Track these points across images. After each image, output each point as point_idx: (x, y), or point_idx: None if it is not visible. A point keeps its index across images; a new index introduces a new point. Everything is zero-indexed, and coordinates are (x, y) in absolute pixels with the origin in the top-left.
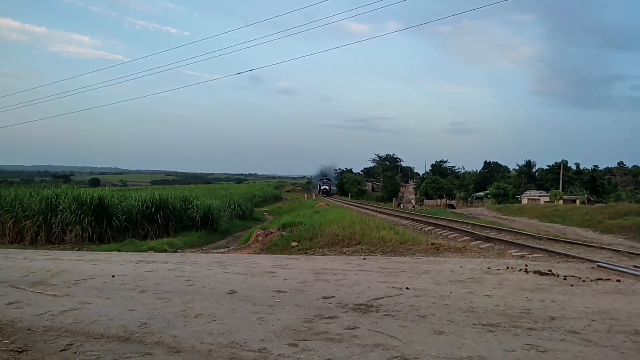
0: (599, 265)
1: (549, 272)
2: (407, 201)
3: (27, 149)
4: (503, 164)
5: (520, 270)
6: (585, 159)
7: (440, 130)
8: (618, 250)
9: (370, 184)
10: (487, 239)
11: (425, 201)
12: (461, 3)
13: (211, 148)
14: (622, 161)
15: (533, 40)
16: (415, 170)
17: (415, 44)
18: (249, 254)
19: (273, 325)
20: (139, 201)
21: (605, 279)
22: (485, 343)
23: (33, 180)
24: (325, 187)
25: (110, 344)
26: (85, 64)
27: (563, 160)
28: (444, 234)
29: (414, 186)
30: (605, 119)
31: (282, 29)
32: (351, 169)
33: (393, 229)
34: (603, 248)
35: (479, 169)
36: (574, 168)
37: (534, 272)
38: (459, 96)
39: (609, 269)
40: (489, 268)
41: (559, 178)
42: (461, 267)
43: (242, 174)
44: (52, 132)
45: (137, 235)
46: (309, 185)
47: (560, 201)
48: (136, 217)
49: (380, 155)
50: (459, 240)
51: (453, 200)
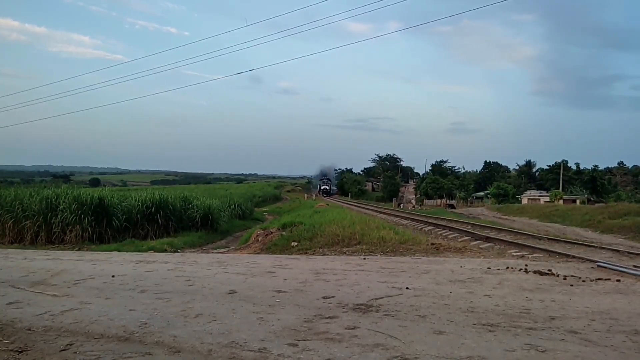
0: (599, 265)
1: (549, 272)
2: (407, 201)
3: (27, 149)
4: (503, 164)
5: (520, 270)
6: (585, 159)
7: (440, 130)
8: (618, 250)
9: (370, 184)
10: (487, 239)
11: (425, 201)
12: (461, 3)
13: (211, 148)
14: (622, 161)
15: (533, 40)
16: (415, 170)
17: (415, 44)
18: (249, 254)
19: (273, 325)
20: (139, 201)
21: (605, 279)
22: (485, 343)
23: (33, 180)
24: (326, 187)
25: (110, 344)
26: (85, 64)
27: (563, 160)
28: (444, 234)
29: (414, 186)
30: (605, 119)
31: (282, 29)
32: (351, 169)
33: (393, 229)
34: (603, 248)
35: (479, 169)
36: (574, 168)
37: (534, 272)
38: (459, 96)
39: (609, 268)
40: (489, 268)
41: (559, 178)
42: (461, 267)
43: (242, 174)
44: (52, 132)
45: (137, 235)
46: (309, 185)
47: (560, 201)
48: (136, 217)
49: (380, 155)
50: (459, 240)
51: (453, 200)
